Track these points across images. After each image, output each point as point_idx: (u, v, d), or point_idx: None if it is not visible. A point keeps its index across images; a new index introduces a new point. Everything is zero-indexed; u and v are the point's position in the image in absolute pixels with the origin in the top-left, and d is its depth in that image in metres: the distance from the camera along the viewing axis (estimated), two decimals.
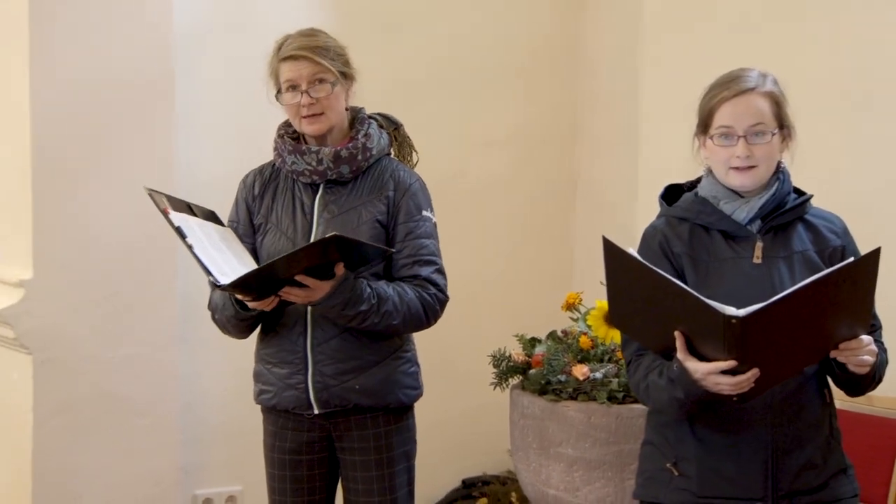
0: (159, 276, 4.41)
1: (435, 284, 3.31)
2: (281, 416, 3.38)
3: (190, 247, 3.07)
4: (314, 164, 3.31)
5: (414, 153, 3.50)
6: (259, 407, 3.45)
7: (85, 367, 4.30)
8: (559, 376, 3.70)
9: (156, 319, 4.40)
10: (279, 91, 3.31)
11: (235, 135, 4.61)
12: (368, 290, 3.19)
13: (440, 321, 3.45)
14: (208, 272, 3.06)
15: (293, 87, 3.28)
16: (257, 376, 3.41)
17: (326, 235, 3.01)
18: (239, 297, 3.18)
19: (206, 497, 4.71)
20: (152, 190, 3.18)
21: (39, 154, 4.23)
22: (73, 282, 4.29)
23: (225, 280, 3.04)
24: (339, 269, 3.13)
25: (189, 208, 3.22)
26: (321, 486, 3.40)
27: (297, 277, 3.09)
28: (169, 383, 4.44)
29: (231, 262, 3.15)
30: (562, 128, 5.24)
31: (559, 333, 3.88)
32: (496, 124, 5.15)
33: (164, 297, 4.41)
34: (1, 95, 4.40)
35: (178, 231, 3.10)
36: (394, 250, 3.26)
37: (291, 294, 3.13)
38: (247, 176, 3.46)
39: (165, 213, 3.13)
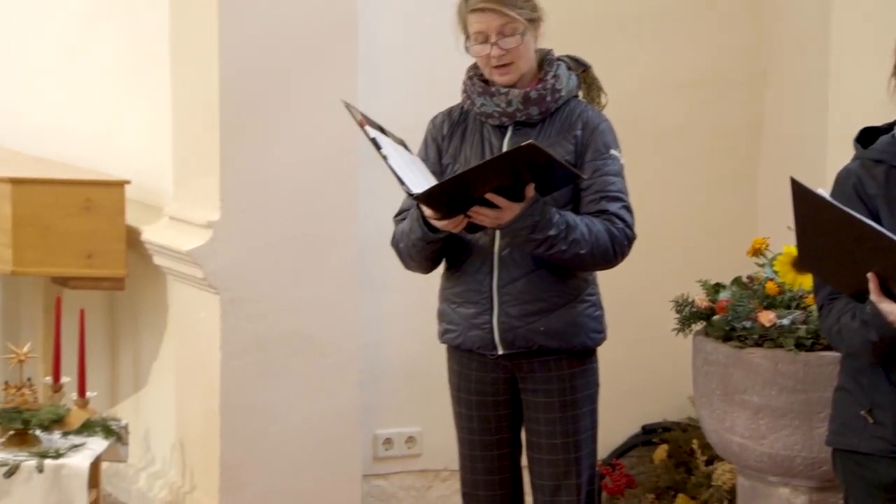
0: (341, 218, 4.45)
1: (622, 220, 3.27)
2: (465, 356, 3.40)
3: (385, 157, 3.10)
4: (503, 105, 3.30)
5: (603, 95, 3.46)
6: (439, 348, 3.48)
7: (270, 306, 4.38)
8: (744, 323, 3.63)
9: (338, 260, 4.45)
10: (467, 38, 3.31)
11: (417, 78, 4.61)
12: (558, 216, 3.17)
13: (623, 265, 3.42)
14: (402, 182, 3.09)
15: (483, 38, 3.27)
16: (441, 315, 3.43)
17: (522, 144, 2.99)
18: (428, 213, 3.17)
19: (387, 437, 4.76)
20: (349, 104, 3.22)
21: (227, 98, 4.30)
22: (258, 223, 4.36)
23: (418, 190, 3.06)
24: (530, 191, 3.12)
25: (382, 130, 3.24)
26: (506, 425, 3.42)
27: (488, 196, 3.08)
28: (350, 323, 4.48)
29: (420, 180, 3.16)
30: (748, 70, 5.11)
31: (744, 279, 3.81)
32: (681, 66, 5.04)
33: (345, 239, 4.46)
34: (190, 40, 4.49)
35: (374, 142, 3.13)
36: (585, 176, 3.24)
37: (481, 214, 3.13)
38: (435, 117, 3.47)
39: (362, 125, 3.17)
